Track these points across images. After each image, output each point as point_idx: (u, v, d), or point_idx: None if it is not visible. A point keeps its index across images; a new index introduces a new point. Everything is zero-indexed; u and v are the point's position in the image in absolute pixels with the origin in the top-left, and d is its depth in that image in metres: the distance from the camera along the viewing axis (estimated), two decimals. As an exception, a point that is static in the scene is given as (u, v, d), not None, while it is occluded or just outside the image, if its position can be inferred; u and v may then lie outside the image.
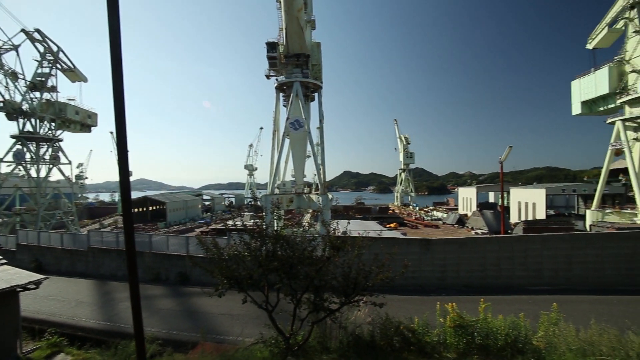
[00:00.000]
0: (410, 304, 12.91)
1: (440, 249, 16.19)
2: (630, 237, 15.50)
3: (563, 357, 6.44)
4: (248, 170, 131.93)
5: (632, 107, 39.89)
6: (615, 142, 42.09)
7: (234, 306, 12.61)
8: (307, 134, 43.03)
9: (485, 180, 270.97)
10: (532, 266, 15.60)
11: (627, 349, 6.30)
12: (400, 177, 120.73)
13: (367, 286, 6.65)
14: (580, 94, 46.36)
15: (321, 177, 44.13)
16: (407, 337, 7.44)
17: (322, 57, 46.46)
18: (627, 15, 40.30)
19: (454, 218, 63.93)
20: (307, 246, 7.01)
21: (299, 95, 41.98)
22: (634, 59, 39.64)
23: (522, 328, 7.31)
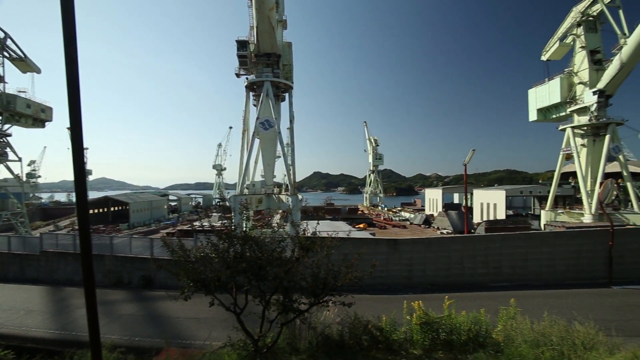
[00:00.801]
0: (378, 302, 13.14)
1: (408, 248, 16.62)
2: (577, 236, 16.69)
3: (519, 349, 6.84)
4: (217, 170, 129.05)
5: (580, 115, 43.08)
6: (565, 147, 45.23)
7: (200, 309, 12.25)
8: (277, 134, 42.74)
9: (450, 182, 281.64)
10: (493, 264, 16.38)
11: (573, 338, 6.86)
12: (370, 178, 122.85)
13: (336, 286, 6.69)
14: (536, 102, 49.50)
15: (291, 178, 43.98)
16: (375, 335, 7.57)
17: (293, 57, 46.34)
18: (575, 31, 43.56)
19: (421, 218, 65.87)
20: (276, 247, 6.95)
21: (270, 95, 41.63)
22: (581, 71, 42.86)
23: (483, 323, 7.68)
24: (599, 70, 41.27)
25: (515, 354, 6.70)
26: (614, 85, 39.92)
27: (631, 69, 38.30)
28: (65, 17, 3.88)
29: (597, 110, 40.36)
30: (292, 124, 46.39)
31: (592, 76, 41.46)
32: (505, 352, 6.87)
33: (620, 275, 15.56)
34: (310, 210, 75.60)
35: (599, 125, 41.37)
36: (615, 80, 39.12)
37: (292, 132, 47.41)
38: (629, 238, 16.22)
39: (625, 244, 15.95)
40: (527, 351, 6.71)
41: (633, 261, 15.95)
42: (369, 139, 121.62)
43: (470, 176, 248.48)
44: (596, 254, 16.04)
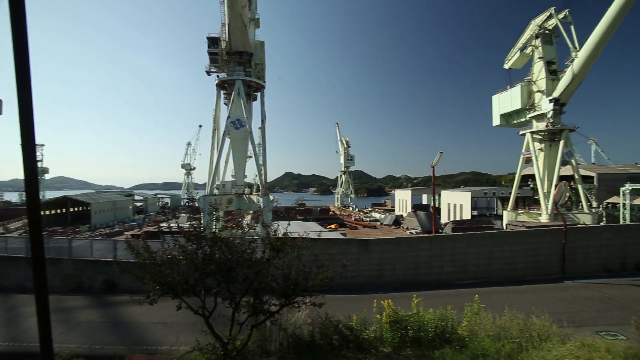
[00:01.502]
0: (349, 302, 13.27)
1: (378, 248, 16.91)
2: (535, 234, 17.70)
3: (482, 343, 7.18)
4: (185, 170, 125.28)
5: (538, 121, 45.79)
6: (525, 151, 47.89)
7: (167, 314, 11.81)
8: (248, 134, 42.16)
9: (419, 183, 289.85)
10: (459, 262, 17.01)
11: (531, 331, 7.32)
12: (341, 179, 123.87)
13: (307, 287, 6.69)
14: (499, 108, 52.10)
15: (262, 178, 43.51)
16: (346, 335, 7.64)
17: (265, 56, 45.93)
18: (534, 43, 46.40)
19: (391, 219, 67.23)
20: (247, 248, 6.85)
21: (241, 94, 41.00)
22: (539, 80, 45.65)
23: (449, 320, 7.97)
24: (555, 80, 44.07)
25: (478, 348, 7.01)
26: (567, 94, 42.74)
27: (581, 79, 41.18)
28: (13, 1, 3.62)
29: (553, 117, 43.07)
30: (264, 124, 45.94)
31: (548, 85, 44.20)
32: (470, 347, 7.17)
33: (572, 271, 16.65)
34: (282, 210, 75.15)
35: (554, 131, 44.16)
36: (568, 89, 41.90)
37: (264, 132, 46.90)
38: (579, 236, 17.41)
39: (576, 241, 17.10)
40: (490, 345, 7.05)
41: (582, 257, 17.13)
42: (341, 140, 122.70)
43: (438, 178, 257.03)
44: (552, 252, 17.08)
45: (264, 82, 44.57)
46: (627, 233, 17.65)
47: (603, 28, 37.07)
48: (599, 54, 38.68)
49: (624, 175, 55.98)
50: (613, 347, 6.18)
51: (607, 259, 17.18)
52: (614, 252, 17.25)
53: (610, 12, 36.35)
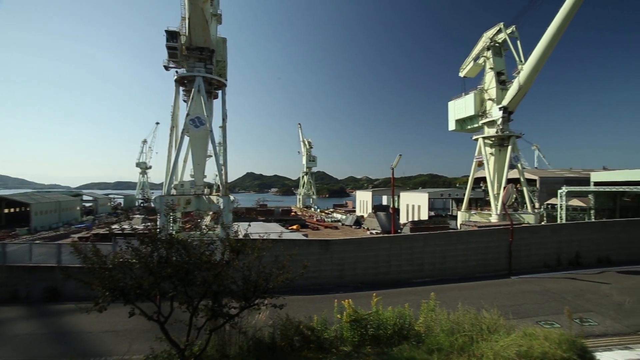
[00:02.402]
0: (310, 303, 13.31)
1: (339, 249, 17.13)
2: (486, 234, 18.85)
3: (437, 338, 7.52)
4: (141, 169, 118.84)
5: (489, 127, 48.91)
6: (478, 155, 50.95)
7: (119, 321, 11.13)
8: (208, 133, 40.94)
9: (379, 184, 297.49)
10: (416, 261, 17.68)
11: (481, 324, 7.78)
12: (303, 180, 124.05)
13: (268, 288, 6.61)
14: (454, 113, 54.98)
15: (222, 178, 42.44)
16: (307, 335, 7.65)
17: (227, 54, 44.85)
18: (485, 54, 49.60)
19: (352, 219, 68.38)
20: (205, 250, 6.62)
21: (201, 91, 39.73)
22: (490, 89, 48.85)
23: (407, 317, 8.26)
24: (504, 89, 47.36)
25: (434, 343, 7.34)
26: (515, 103, 46.09)
27: (527, 90, 44.62)
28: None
29: (502, 124, 46.23)
30: (225, 123, 44.84)
31: (498, 94, 47.40)
32: (426, 342, 7.48)
33: (517, 267, 17.94)
34: (242, 211, 73.87)
35: (503, 137, 47.39)
36: (515, 99, 45.20)
37: (225, 131, 45.77)
38: (524, 235, 18.81)
39: (521, 239, 18.45)
40: (444, 339, 7.41)
41: (525, 254, 18.52)
42: (303, 140, 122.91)
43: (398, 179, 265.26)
44: (500, 249, 18.28)
45: (226, 80, 43.53)
46: (562, 231, 19.35)
47: (544, 45, 40.47)
48: (541, 67, 42.11)
49: (561, 179, 61.43)
50: (550, 335, 6.78)
51: (546, 255, 18.71)
52: (551, 249, 18.82)
53: (549, 32, 39.79)
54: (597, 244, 19.13)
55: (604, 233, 19.39)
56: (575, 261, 18.62)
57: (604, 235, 19.33)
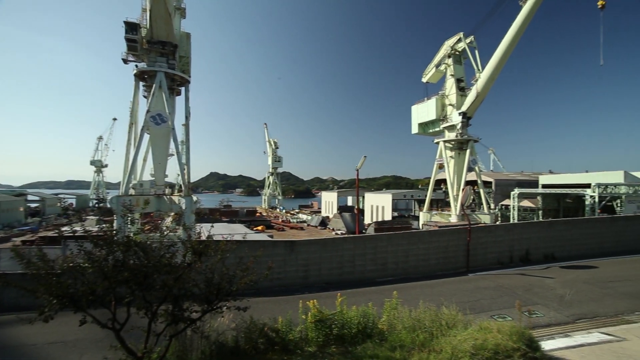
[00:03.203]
0: (275, 304, 13.19)
1: (304, 249, 17.13)
2: (446, 233, 19.67)
3: (400, 335, 7.75)
4: (96, 167, 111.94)
5: (450, 132, 51.19)
6: (439, 158, 53.12)
7: (68, 331, 10.36)
8: (170, 130, 39.42)
9: (345, 185, 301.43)
10: (380, 261, 18.07)
11: (440, 320, 8.11)
12: (269, 180, 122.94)
13: (231, 291, 6.46)
14: (417, 117, 57.00)
15: (185, 178, 41.00)
16: (271, 337, 7.58)
17: (191, 49, 43.46)
18: (447, 61, 51.92)
19: (318, 220, 68.66)
20: (165, 252, 6.35)
21: (163, 87, 38.19)
22: (450, 95, 51.18)
23: (371, 316, 8.43)
24: (463, 95, 49.78)
25: (396, 340, 7.55)
26: (473, 109, 48.58)
27: (484, 97, 47.19)
28: None
29: (461, 129, 48.57)
30: (188, 121, 43.33)
31: (458, 100, 49.74)
32: (389, 339, 7.68)
33: (474, 264, 18.89)
34: (206, 212, 71.86)
35: (462, 141, 49.77)
36: (473, 105, 47.65)
37: (188, 129, 44.20)
38: (480, 234, 19.85)
39: (477, 238, 19.46)
40: (406, 336, 7.65)
41: (482, 252, 19.55)
42: (269, 141, 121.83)
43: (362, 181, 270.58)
44: (459, 248, 19.15)
45: (189, 77, 42.12)
46: (514, 231, 20.65)
47: (498, 56, 43.02)
48: (496, 76, 44.70)
49: (514, 182, 65.60)
50: (502, 327, 7.23)
51: (500, 253, 19.86)
52: (504, 247, 20.02)
53: (502, 44, 42.42)
54: (544, 241, 20.61)
55: (550, 232, 20.93)
56: (525, 258, 19.92)
57: (549, 234, 20.86)
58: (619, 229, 22.18)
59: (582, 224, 22.26)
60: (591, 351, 7.77)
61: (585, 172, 56.57)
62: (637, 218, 23.62)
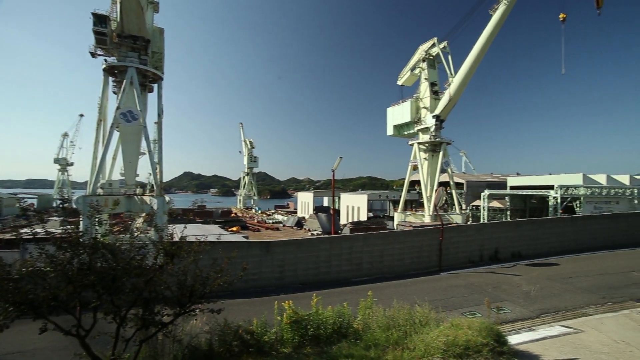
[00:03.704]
0: (250, 306, 13.02)
1: (280, 250, 17.02)
2: (419, 233, 20.13)
3: (374, 334, 7.84)
4: (60, 165, 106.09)
5: (424, 134, 52.46)
6: (413, 159, 54.33)
7: (27, 339, 9.75)
8: (142, 128, 38.13)
9: (321, 186, 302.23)
10: (355, 261, 18.23)
11: (414, 318, 8.29)
12: (244, 181, 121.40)
13: (205, 293, 6.31)
14: (392, 119, 58.06)
15: (157, 177, 39.75)
16: (246, 339, 7.47)
17: (165, 45, 42.22)
18: (421, 65, 53.23)
19: (294, 221, 68.44)
20: (136, 254, 6.12)
21: (135, 83, 36.88)
22: (424, 98, 52.50)
23: (346, 315, 8.49)
24: (437, 99, 51.19)
25: (371, 339, 7.63)
26: (446, 112, 50.03)
27: (456, 101, 48.73)
28: None
29: (435, 131, 49.89)
30: (161, 118, 42.02)
31: (432, 103, 51.09)
32: (364, 339, 7.75)
33: (446, 264, 19.43)
34: (179, 212, 70.14)
35: (435, 143, 51.12)
36: (446, 108, 49.08)
37: (161, 127, 42.85)
38: (452, 234, 20.44)
39: (450, 238, 20.02)
40: (380, 335, 7.75)
41: (454, 251, 20.15)
42: (245, 140, 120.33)
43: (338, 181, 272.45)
44: (432, 248, 19.63)
45: (162, 73, 40.91)
46: (484, 230, 21.43)
47: (470, 62, 44.57)
48: (468, 81, 46.26)
49: (484, 183, 68.01)
50: (472, 324, 7.50)
51: (471, 252, 20.54)
52: (475, 246, 20.72)
53: (473, 51, 44.00)
54: (512, 240, 21.50)
55: (517, 231, 21.87)
56: (495, 257, 20.71)
57: (517, 233, 21.80)
58: (578, 228, 23.50)
59: (546, 223, 23.42)
60: (552, 343, 8.19)
61: (549, 175, 59.56)
62: (594, 218, 25.12)
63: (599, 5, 31.35)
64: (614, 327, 9.12)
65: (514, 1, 40.55)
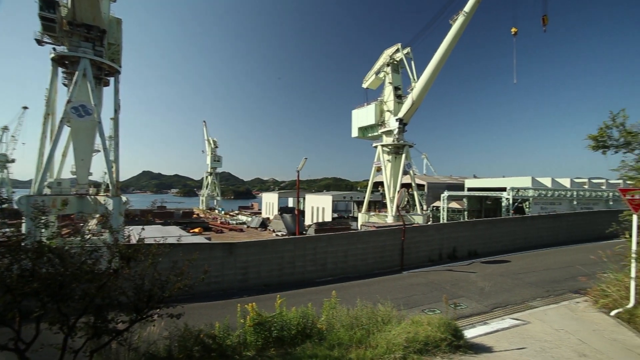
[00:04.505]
0: (212, 309, 12.65)
1: (243, 251, 16.70)
2: (382, 233, 20.60)
3: (338, 333, 7.90)
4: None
5: (387, 136, 53.87)
6: (377, 161, 55.64)
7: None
8: (96, 124, 35.91)
9: (286, 186, 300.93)
10: (320, 261, 18.30)
11: (376, 317, 8.46)
12: (207, 181, 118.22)
13: (164, 297, 6.03)
14: (357, 121, 59.07)
15: (113, 176, 37.58)
16: (208, 344, 7.24)
17: (122, 38, 40.03)
18: (385, 70, 54.68)
19: (258, 221, 67.59)
20: (87, 258, 5.72)
21: (88, 76, 34.66)
22: (388, 102, 53.96)
23: (310, 316, 8.48)
24: (400, 103, 52.77)
25: (334, 339, 7.68)
26: (409, 116, 51.74)
27: (418, 105, 50.57)
28: None
29: (398, 134, 51.40)
30: (118, 114, 39.81)
31: (395, 107, 52.58)
32: (328, 338, 7.78)
33: (408, 263, 20.03)
34: (137, 213, 66.90)
35: (398, 146, 52.69)
36: (409, 112, 50.76)
37: (117, 124, 40.55)
38: (414, 234, 21.13)
39: (411, 238, 20.68)
40: (344, 334, 7.82)
41: (415, 250, 20.84)
42: (208, 139, 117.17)
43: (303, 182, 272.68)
44: (394, 247, 20.16)
45: (120, 67, 38.75)
46: (444, 230, 22.37)
47: (431, 68, 46.44)
48: (429, 87, 48.16)
49: (444, 185, 71.08)
50: (432, 320, 7.81)
51: (431, 251, 21.35)
52: (435, 245, 21.57)
53: (435, 57, 45.92)
54: (469, 240, 22.62)
55: (473, 231, 23.04)
56: (453, 255, 21.67)
57: (473, 233, 22.97)
58: (527, 228, 25.23)
59: (499, 223, 24.90)
60: (503, 335, 8.73)
61: (502, 177, 63.49)
62: (541, 217, 27.08)
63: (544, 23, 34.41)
64: (556, 317, 9.90)
65: (472, 13, 42.91)
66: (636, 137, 10.06)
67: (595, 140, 10.62)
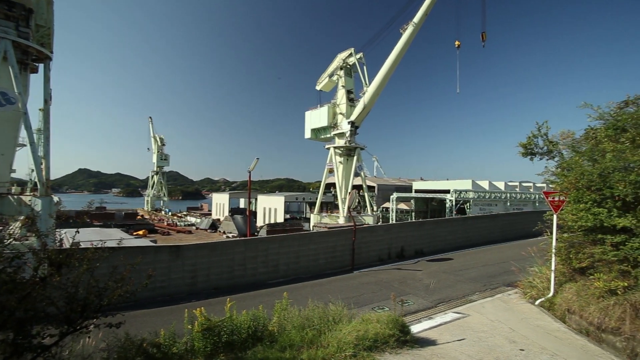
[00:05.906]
0: (158, 316, 11.91)
1: (192, 254, 15.97)
2: (334, 234, 20.89)
3: (290, 334, 7.86)
4: None
5: (340, 139, 54.91)
6: (329, 163, 56.44)
7: None
8: (22, 115, 32.25)
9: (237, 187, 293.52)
10: (271, 263, 18.08)
11: (328, 316, 8.56)
12: (153, 180, 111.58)
13: (102, 306, 5.53)
14: (310, 123, 59.49)
15: (42, 174, 33.94)
16: (152, 353, 6.79)
17: (54, 20, 36.33)
18: (339, 73, 55.80)
19: (207, 223, 65.30)
20: (7, 266, 5.05)
21: (10, 60, 30.99)
22: (340, 105, 55.08)
23: (261, 318, 8.33)
24: (352, 106, 54.09)
25: (286, 340, 7.62)
26: (360, 119, 53.18)
27: (370, 109, 52.22)
28: None
29: (350, 137, 52.60)
30: (48, 105, 35.99)
31: (347, 110, 53.79)
32: (279, 340, 7.70)
33: (359, 262, 20.52)
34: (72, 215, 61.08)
35: (350, 148, 53.91)
36: (361, 115, 52.20)
37: (48, 115, 36.63)
38: (364, 234, 21.70)
39: (362, 238, 21.22)
40: (295, 335, 7.79)
41: (365, 250, 21.42)
42: (154, 136, 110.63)
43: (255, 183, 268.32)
44: (345, 247, 20.53)
45: (51, 52, 35.12)
46: (392, 230, 23.26)
47: (382, 74, 48.26)
48: (380, 91, 49.95)
49: (393, 187, 74.00)
50: (381, 317, 8.08)
51: (380, 251, 22.08)
52: (384, 245, 22.34)
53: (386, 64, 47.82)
54: (416, 239, 23.75)
55: (420, 230, 24.25)
56: (401, 254, 22.60)
57: (420, 232, 24.17)
58: (468, 227, 27.15)
59: (443, 223, 26.50)
60: (446, 328, 9.31)
61: (447, 180, 67.70)
62: (480, 217, 29.32)
63: (483, 39, 37.56)
64: (491, 309, 10.78)
65: (420, 25, 45.35)
66: (556, 146, 11.39)
67: (524, 147, 11.86)
